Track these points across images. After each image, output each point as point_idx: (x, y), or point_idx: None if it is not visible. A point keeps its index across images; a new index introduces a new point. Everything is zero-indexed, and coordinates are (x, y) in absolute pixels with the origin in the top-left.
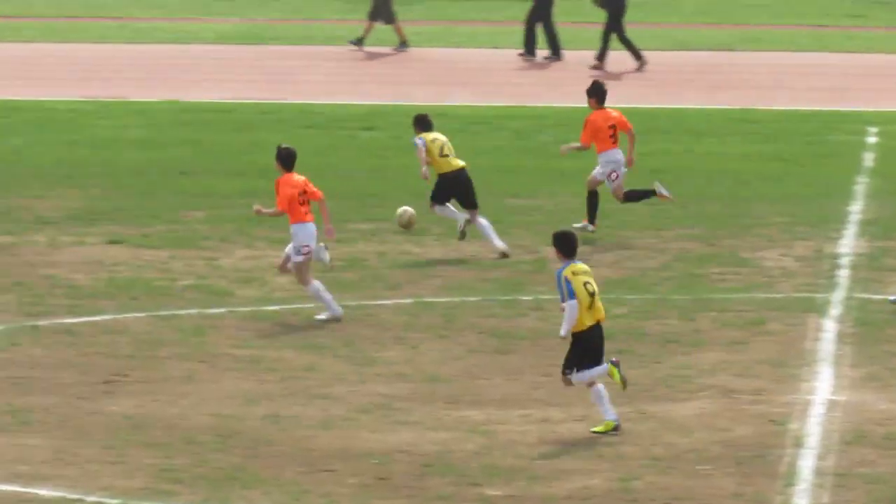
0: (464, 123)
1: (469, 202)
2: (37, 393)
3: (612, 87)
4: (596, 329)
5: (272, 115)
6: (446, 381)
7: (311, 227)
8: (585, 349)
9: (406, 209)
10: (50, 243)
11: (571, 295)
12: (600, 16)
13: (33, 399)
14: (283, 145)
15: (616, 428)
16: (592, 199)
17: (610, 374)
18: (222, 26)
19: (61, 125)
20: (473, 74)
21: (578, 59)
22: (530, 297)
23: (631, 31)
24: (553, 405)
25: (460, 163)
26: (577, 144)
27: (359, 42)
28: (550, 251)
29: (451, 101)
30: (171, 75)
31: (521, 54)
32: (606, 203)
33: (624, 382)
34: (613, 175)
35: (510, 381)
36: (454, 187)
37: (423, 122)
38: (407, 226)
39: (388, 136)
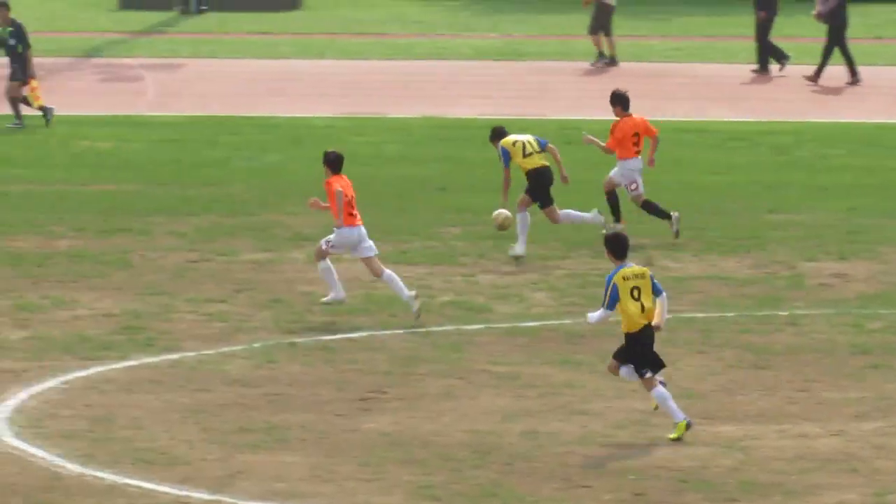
0: (722, 139)
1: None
2: (294, 410)
3: (843, 102)
4: (646, 330)
5: (530, 131)
6: (703, 396)
7: (356, 232)
8: (633, 348)
9: (500, 211)
10: (308, 260)
11: (611, 305)
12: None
13: (290, 416)
14: (331, 150)
15: (688, 426)
16: (612, 198)
17: (675, 428)
18: (480, 42)
19: (318, 142)
20: (731, 90)
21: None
22: (786, 313)
23: (878, 46)
24: (809, 420)
25: (542, 161)
26: (603, 144)
27: (611, 61)
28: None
29: (709, 116)
30: (428, 91)
31: (753, 71)
32: (861, 219)
33: (677, 438)
34: (633, 186)
35: (766, 396)
36: (543, 181)
37: (498, 133)
38: (501, 228)
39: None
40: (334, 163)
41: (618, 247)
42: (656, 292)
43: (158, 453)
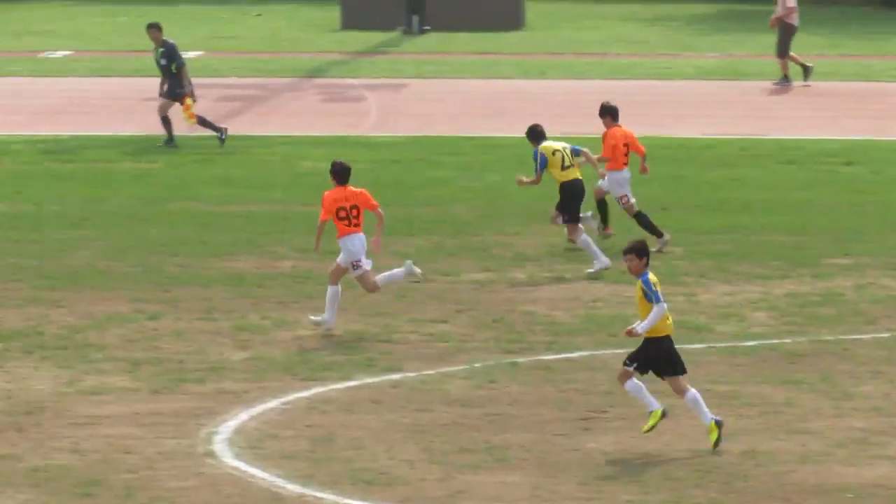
0: None
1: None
2: (514, 430)
3: None
4: (667, 340)
5: (751, 151)
6: None
7: (355, 239)
8: (653, 354)
9: None
10: (529, 280)
11: (659, 298)
12: None
13: (511, 436)
14: (338, 160)
15: (664, 414)
16: (602, 205)
17: (709, 432)
18: (703, 62)
19: None
20: None
21: None
22: None
23: None
24: None
25: (577, 174)
26: (595, 158)
27: (806, 76)
28: (632, 262)
29: None
30: (650, 111)
31: None
32: None
33: (716, 445)
34: (624, 199)
35: None
36: (575, 194)
37: (535, 133)
38: None
39: (869, 171)
40: (340, 174)
41: (648, 253)
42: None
43: (378, 473)
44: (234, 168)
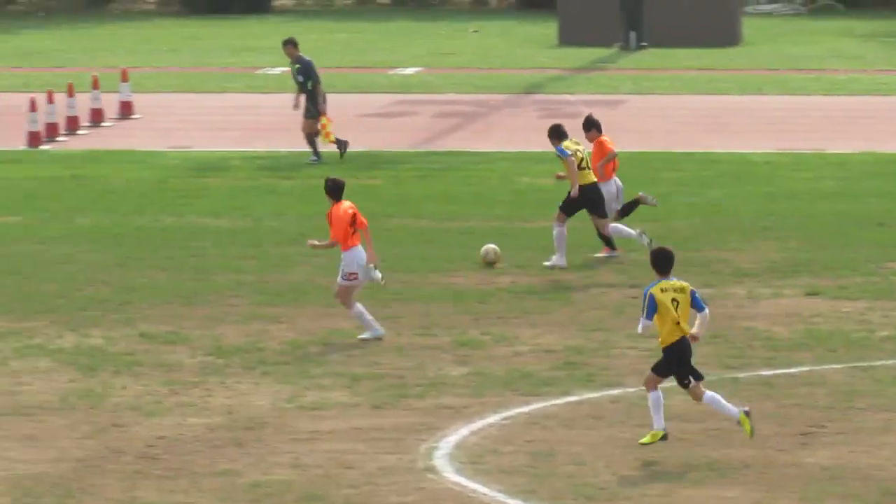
0: None
1: (600, 213)
2: (734, 445)
3: None
4: (683, 342)
5: None
6: None
7: (359, 252)
8: (670, 360)
9: (488, 248)
10: (748, 295)
11: (649, 315)
12: None
13: (731, 451)
14: (330, 177)
15: (664, 437)
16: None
17: (741, 424)
18: None
19: (759, 178)
20: None
21: None
22: None
23: None
24: None
25: (593, 177)
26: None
27: None
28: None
29: None
30: (867, 126)
31: None
32: None
33: (752, 432)
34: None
35: None
36: (584, 200)
37: (559, 133)
38: (492, 263)
39: None
40: (333, 191)
41: (659, 262)
42: (699, 308)
43: (599, 489)
44: (453, 184)
